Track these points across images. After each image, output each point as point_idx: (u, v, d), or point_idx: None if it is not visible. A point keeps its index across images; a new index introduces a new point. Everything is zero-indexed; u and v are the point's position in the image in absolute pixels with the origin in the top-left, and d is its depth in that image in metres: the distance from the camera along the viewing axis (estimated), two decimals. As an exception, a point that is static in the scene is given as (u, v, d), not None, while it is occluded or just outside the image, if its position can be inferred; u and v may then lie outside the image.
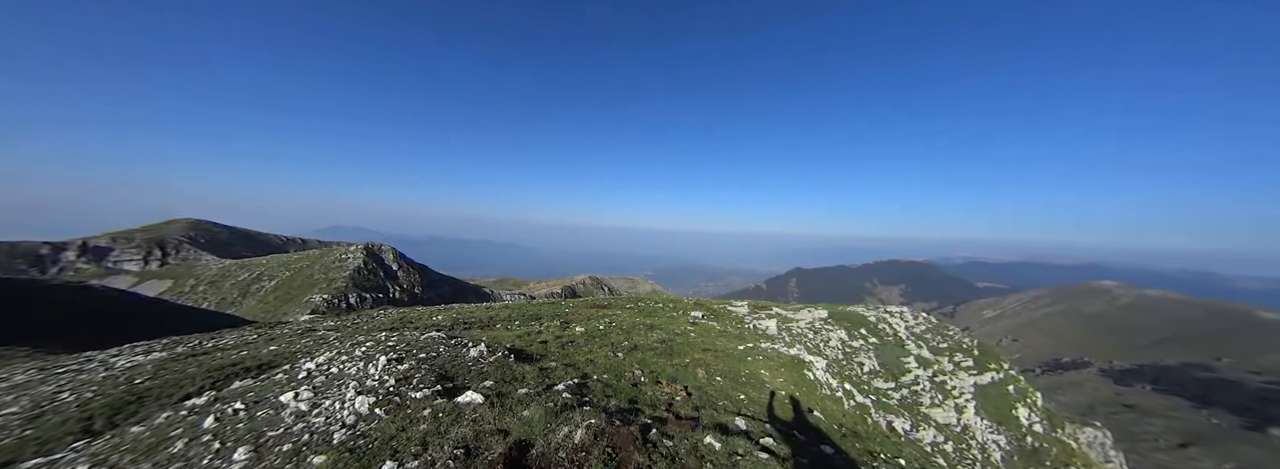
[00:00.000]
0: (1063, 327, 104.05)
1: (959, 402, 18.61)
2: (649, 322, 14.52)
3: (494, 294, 46.20)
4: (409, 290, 34.58)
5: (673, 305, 20.26)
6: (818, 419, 6.79)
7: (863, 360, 19.30)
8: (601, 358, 7.77)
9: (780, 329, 18.60)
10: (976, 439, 17.34)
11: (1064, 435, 21.28)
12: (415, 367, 5.98)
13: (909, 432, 13.25)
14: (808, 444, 4.85)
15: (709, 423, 4.78)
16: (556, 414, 4.15)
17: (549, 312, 15.65)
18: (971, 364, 21.82)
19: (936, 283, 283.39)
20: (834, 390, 10.63)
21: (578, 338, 9.87)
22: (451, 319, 13.29)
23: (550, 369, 6.28)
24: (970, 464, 15.60)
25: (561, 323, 12.57)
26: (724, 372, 8.58)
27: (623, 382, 6.14)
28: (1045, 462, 18.51)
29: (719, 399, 6.33)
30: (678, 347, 10.48)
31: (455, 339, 8.28)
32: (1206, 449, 53.91)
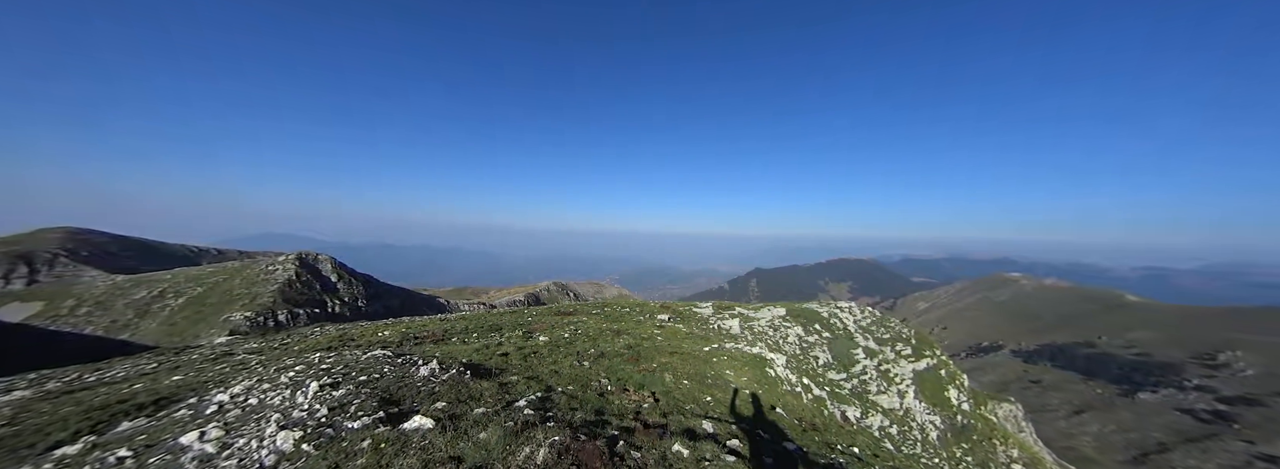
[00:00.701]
0: (980, 314, 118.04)
1: (901, 388, 20.30)
2: (616, 327, 14.34)
3: (450, 305, 43.44)
4: (351, 304, 31.50)
5: (639, 309, 20.22)
6: (779, 415, 7.02)
7: (818, 354, 20.47)
8: (567, 368, 7.50)
9: (743, 328, 19.23)
10: (916, 421, 18.99)
11: (986, 412, 23.96)
12: (354, 391, 5.36)
13: (860, 419, 14.19)
14: (772, 442, 4.97)
15: (677, 429, 4.74)
16: (517, 433, 3.88)
17: (511, 321, 14.93)
18: (910, 352, 23.95)
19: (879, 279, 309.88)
20: (793, 386, 11.12)
21: (541, 348, 9.47)
22: (400, 334, 12.22)
23: (511, 384, 5.93)
24: (913, 444, 17.03)
25: (524, 333, 12.03)
26: (691, 374, 8.64)
27: (589, 392, 5.94)
28: (972, 436, 20.70)
29: (686, 403, 6.33)
30: (645, 351, 10.41)
31: (403, 357, 7.59)
32: (1094, 415, 63.69)
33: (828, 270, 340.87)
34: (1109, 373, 71.89)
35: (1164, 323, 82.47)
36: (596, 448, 3.59)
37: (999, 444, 21.34)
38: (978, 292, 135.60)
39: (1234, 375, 62.33)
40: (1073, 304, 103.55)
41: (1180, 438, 54.76)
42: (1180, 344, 73.42)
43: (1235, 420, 54.71)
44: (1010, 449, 21.40)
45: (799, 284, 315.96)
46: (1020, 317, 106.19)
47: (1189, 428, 55.87)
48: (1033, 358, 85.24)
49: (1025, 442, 25.90)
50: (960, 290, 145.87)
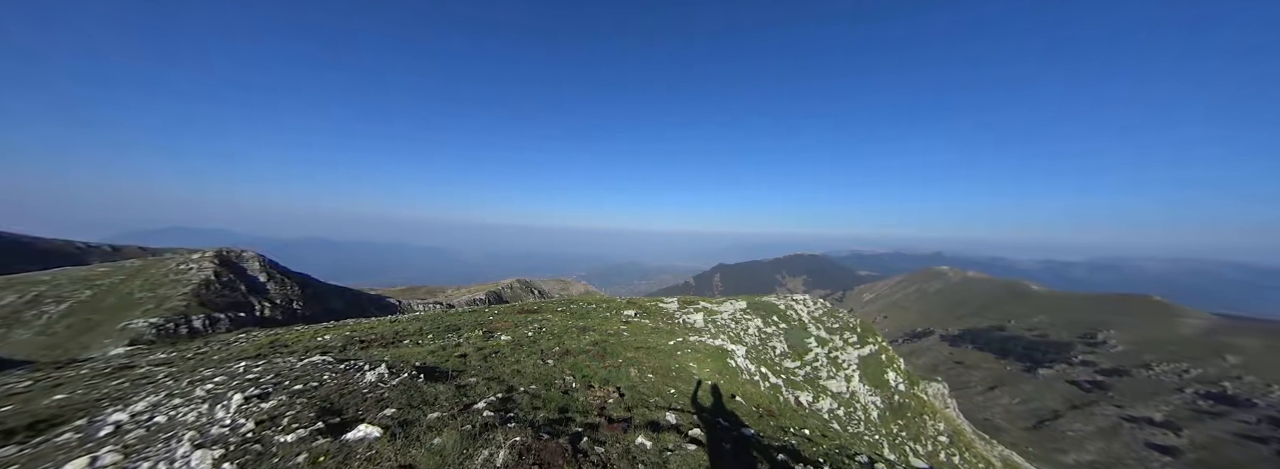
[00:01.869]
0: (915, 303, 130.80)
1: (847, 373, 22.03)
2: (582, 324, 14.21)
3: (403, 305, 40.69)
4: (285, 307, 28.52)
5: (606, 305, 20.17)
6: (738, 404, 7.34)
7: (775, 344, 21.64)
8: (530, 367, 7.31)
9: (706, 322, 19.84)
10: (860, 402, 20.73)
11: (918, 391, 26.65)
12: (287, 402, 4.87)
13: (812, 403, 15.22)
14: (730, 429, 5.19)
15: (641, 422, 4.80)
16: (475, 437, 3.73)
17: (470, 321, 14.28)
18: (856, 340, 26.02)
19: (830, 273, 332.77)
20: (752, 375, 11.67)
21: (503, 347, 9.16)
22: (343, 338, 11.26)
23: (470, 386, 5.68)
24: (857, 423, 18.59)
25: (484, 332, 11.56)
26: (655, 368, 8.77)
27: (553, 390, 5.84)
28: (907, 413, 22.98)
29: (651, 396, 6.42)
30: (611, 347, 10.42)
31: (347, 362, 7.01)
32: (1004, 389, 73.15)
33: (785, 265, 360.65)
34: (1016, 352, 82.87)
35: (1058, 308, 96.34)
36: (559, 446, 3.54)
37: (929, 419, 23.89)
38: (913, 284, 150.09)
39: (1108, 351, 74.36)
40: (989, 293, 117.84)
41: (1068, 405, 64.57)
42: (1070, 326, 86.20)
43: (1109, 389, 65.39)
44: (937, 423, 24.04)
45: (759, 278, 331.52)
46: (948, 305, 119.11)
47: (1075, 396, 65.99)
48: (957, 342, 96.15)
49: (950, 416, 29.21)
50: (899, 283, 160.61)
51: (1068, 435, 58.85)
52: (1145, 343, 72.88)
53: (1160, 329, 76.08)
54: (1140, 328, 77.79)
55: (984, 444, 29.32)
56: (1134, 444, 54.19)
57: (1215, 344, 67.56)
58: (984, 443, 29.88)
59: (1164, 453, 51.60)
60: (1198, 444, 51.33)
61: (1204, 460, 48.94)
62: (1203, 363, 63.46)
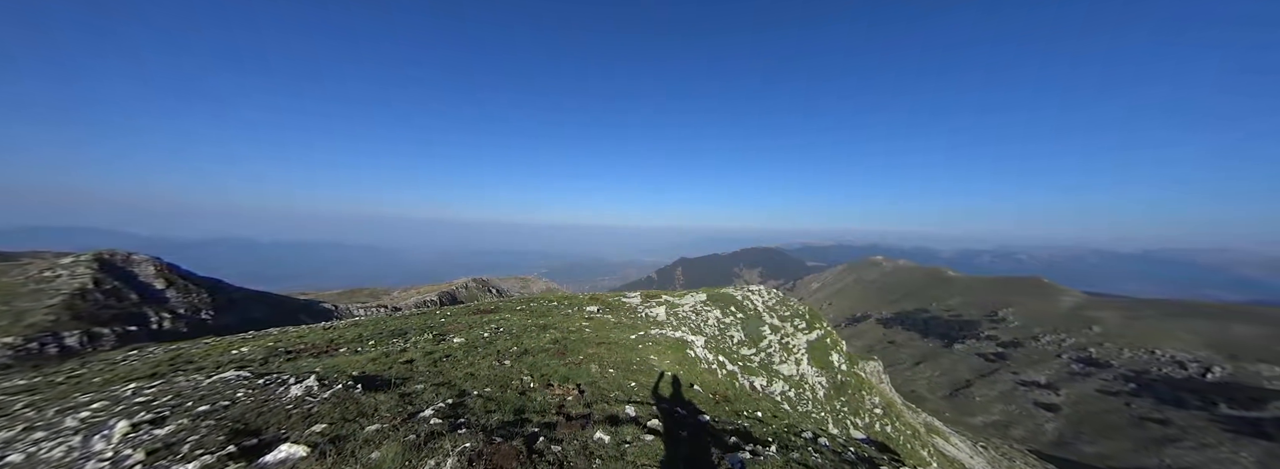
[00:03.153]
0: (855, 291, 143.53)
1: (797, 357, 23.68)
2: (542, 322, 13.86)
3: (340, 310, 37.07)
4: (190, 317, 24.80)
5: (568, 302, 19.83)
6: (696, 392, 7.60)
7: (733, 333, 22.64)
8: (484, 369, 6.99)
9: (669, 314, 20.24)
10: (808, 383, 22.42)
11: (857, 369, 29.37)
12: (189, 426, 4.23)
13: (765, 387, 16.19)
14: (687, 417, 5.35)
15: (601, 417, 4.79)
16: (420, 447, 3.49)
17: (418, 324, 13.36)
18: (805, 326, 28.00)
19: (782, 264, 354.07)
20: (710, 364, 12.13)
21: (455, 351, 8.67)
22: (265, 350, 10.02)
23: (415, 393, 5.31)
24: (805, 402, 20.08)
25: (435, 335, 10.87)
26: (617, 363, 8.80)
27: (509, 392, 5.64)
28: (848, 390, 25.26)
29: (611, 391, 6.43)
30: (572, 344, 10.28)
31: (268, 376, 6.24)
32: (927, 364, 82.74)
33: (742, 258, 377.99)
34: (937, 331, 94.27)
35: (969, 291, 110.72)
36: (512, 449, 3.42)
37: (866, 394, 26.45)
38: (853, 273, 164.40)
39: (1007, 327, 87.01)
40: (916, 280, 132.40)
41: (977, 375, 74.76)
42: (978, 306, 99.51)
43: (1007, 359, 76.59)
44: (873, 397, 26.69)
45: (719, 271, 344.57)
46: (882, 292, 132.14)
47: (982, 367, 76.56)
48: (890, 323, 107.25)
49: (883, 390, 32.56)
50: (841, 272, 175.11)
51: (976, 400, 68.31)
52: (1034, 318, 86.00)
53: (1044, 306, 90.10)
54: (1030, 305, 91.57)
55: (911, 413, 33.09)
56: (1026, 404, 64.18)
57: (1084, 317, 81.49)
58: (911, 412, 33.72)
59: (1047, 410, 61.71)
60: (1071, 400, 61.99)
61: (1076, 413, 59.25)
62: (1075, 333, 76.32)
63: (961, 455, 29.94)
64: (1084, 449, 52.66)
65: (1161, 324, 72.46)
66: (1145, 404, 56.59)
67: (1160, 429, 52.09)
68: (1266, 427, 47.52)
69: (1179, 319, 73.63)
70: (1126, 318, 77.25)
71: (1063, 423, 58.59)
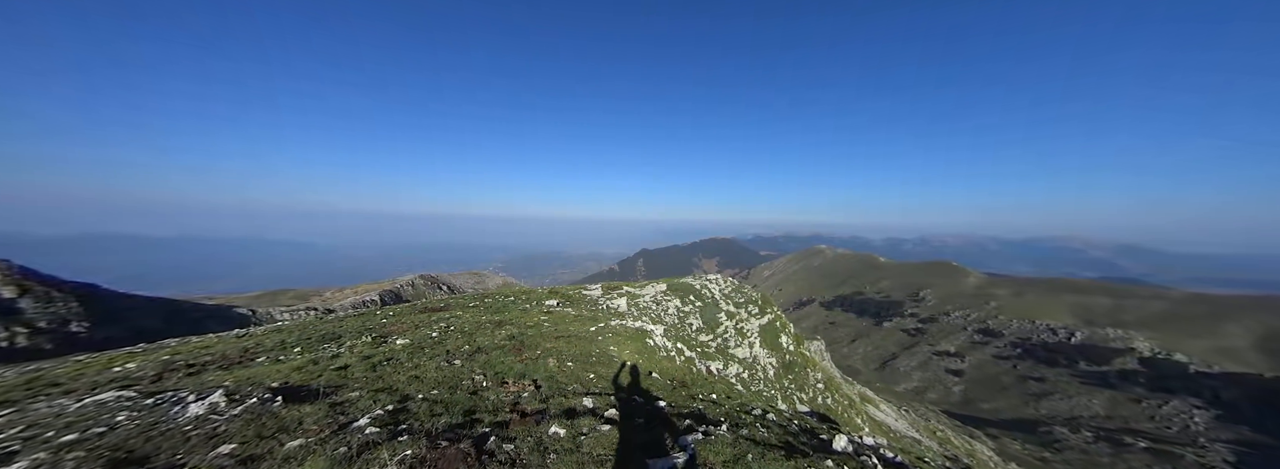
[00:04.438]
0: (801, 277, 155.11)
1: (750, 340, 25.15)
2: (497, 318, 13.31)
3: (259, 315, 32.79)
4: (55, 331, 20.55)
5: (526, 297, 19.21)
6: (654, 380, 7.77)
7: (692, 321, 23.43)
8: (431, 371, 6.56)
9: (630, 305, 20.40)
10: (760, 364, 23.96)
11: (803, 349, 31.90)
12: (49, 460, 3.51)
13: (721, 370, 17.03)
14: (644, 404, 5.45)
15: (557, 411, 4.72)
16: (352, 459, 3.20)
17: (355, 327, 12.21)
18: (758, 311, 29.74)
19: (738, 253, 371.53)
20: (669, 352, 12.48)
21: (398, 353, 8.04)
22: (158, 365, 8.58)
23: (349, 402, 4.84)
24: (758, 383, 21.47)
25: (375, 338, 10.00)
26: (576, 356, 8.71)
27: (459, 393, 5.34)
28: (795, 369, 27.41)
29: (569, 384, 6.36)
30: (530, 340, 9.99)
31: (161, 396, 5.35)
32: (861, 341, 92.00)
33: (701, 248, 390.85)
34: (870, 311, 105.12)
35: (896, 275, 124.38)
36: (459, 451, 3.25)
37: (811, 371, 28.90)
38: (800, 261, 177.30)
39: (925, 305, 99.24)
40: (853, 266, 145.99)
41: (902, 348, 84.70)
42: (903, 288, 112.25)
43: (925, 333, 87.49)
44: (816, 373, 29.24)
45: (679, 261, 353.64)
46: (824, 277, 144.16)
47: (905, 341, 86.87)
48: (831, 306, 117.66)
49: (825, 366, 35.77)
50: (789, 260, 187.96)
51: (900, 370, 77.65)
52: (946, 297, 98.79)
53: (955, 286, 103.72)
54: (943, 286, 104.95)
55: (847, 385, 36.79)
56: (938, 371, 74.11)
57: (984, 294, 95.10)
58: (847, 384, 37.49)
59: (955, 375, 71.81)
60: (973, 366, 72.63)
61: (976, 376, 69.57)
62: (977, 308, 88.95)
63: (888, 419, 33.96)
64: (982, 406, 62.40)
65: (1040, 299, 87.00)
66: (1027, 365, 68.08)
67: (1038, 385, 63.06)
68: (1111, 378, 59.47)
69: (1052, 294, 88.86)
70: (1014, 294, 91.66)
71: (966, 385, 68.75)
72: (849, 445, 5.39)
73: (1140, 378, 58.32)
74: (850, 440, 5.83)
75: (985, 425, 51.18)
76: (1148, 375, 58.13)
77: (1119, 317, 74.32)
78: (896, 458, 5.78)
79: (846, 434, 6.60)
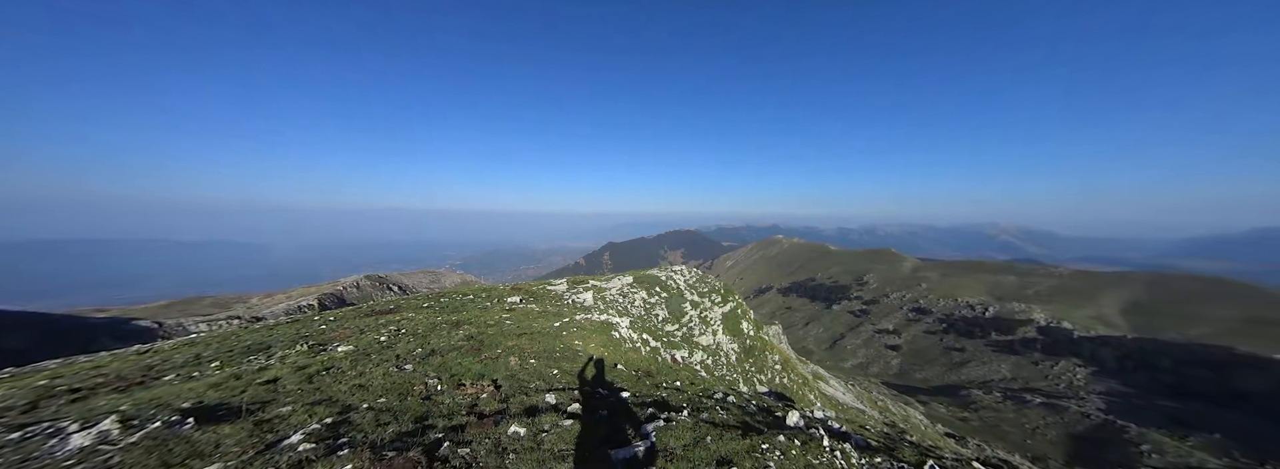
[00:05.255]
0: (761, 266, 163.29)
1: (714, 328, 26.14)
2: (454, 318, 12.66)
3: (167, 328, 28.66)
4: (-125, 358, 16.51)
5: (486, 295, 18.43)
6: (619, 371, 7.83)
7: (658, 312, 23.84)
8: (378, 379, 6.11)
9: (596, 299, 20.30)
10: (723, 350, 25.03)
11: (762, 334, 33.74)
12: None
13: (686, 358, 17.56)
14: (608, 396, 5.47)
15: (517, 410, 4.60)
16: (282, 480, 2.90)
17: (288, 335, 11.06)
18: (720, 300, 30.90)
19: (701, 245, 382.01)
20: (634, 343, 12.61)
21: (340, 361, 7.39)
22: (32, 392, 7.22)
23: (279, 418, 4.38)
24: (722, 368, 22.43)
25: (312, 346, 9.11)
26: (539, 352, 8.53)
27: (410, 399, 5.02)
28: (756, 353, 28.96)
29: (532, 381, 6.22)
30: (490, 338, 9.62)
31: (33, 427, 4.50)
32: (814, 324, 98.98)
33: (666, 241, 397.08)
34: (821, 296, 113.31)
35: (844, 261, 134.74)
36: (408, 460, 3.06)
37: (769, 354, 30.69)
38: (759, 251, 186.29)
39: (869, 288, 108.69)
40: (807, 255, 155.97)
41: (848, 328, 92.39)
42: (850, 273, 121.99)
43: (868, 313, 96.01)
44: (774, 355, 31.12)
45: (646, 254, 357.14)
46: (781, 266, 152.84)
47: (851, 322, 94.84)
48: (787, 292, 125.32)
49: (782, 349, 38.14)
50: (749, 250, 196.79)
51: (847, 349, 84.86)
52: (886, 280, 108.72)
53: (893, 270, 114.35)
54: (884, 271, 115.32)
55: (802, 365, 39.58)
56: (879, 347, 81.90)
57: (917, 277, 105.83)
58: (802, 364, 40.32)
59: (893, 350, 79.78)
60: (908, 340, 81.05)
61: (910, 349, 77.80)
62: (911, 289, 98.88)
63: (837, 394, 37.07)
64: (915, 376, 70.16)
65: (962, 279, 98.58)
66: (951, 338, 77.24)
67: (959, 355, 71.88)
68: (1015, 346, 69.21)
69: (972, 274, 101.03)
70: (942, 276, 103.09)
71: (902, 358, 76.79)
72: (800, 420, 5.79)
73: (1037, 344, 68.40)
74: (802, 415, 6.27)
75: (918, 393, 57.59)
76: (1043, 342, 68.33)
77: (1022, 292, 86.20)
78: (841, 428, 6.32)
79: (799, 410, 7.10)
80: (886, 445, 6.19)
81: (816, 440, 4.49)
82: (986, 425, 46.63)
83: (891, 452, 5.44)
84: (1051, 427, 44.81)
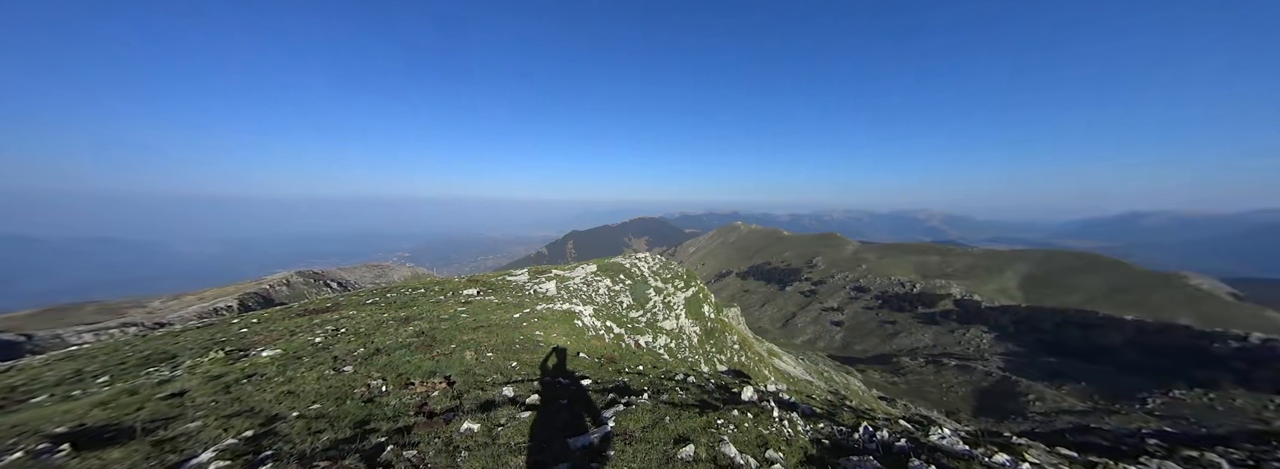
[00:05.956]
0: (721, 252, 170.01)
1: (677, 312, 26.93)
2: (403, 314, 11.86)
3: (38, 341, 24.09)
4: None
5: (439, 288, 17.41)
6: (582, 359, 7.81)
7: (623, 299, 24.04)
8: (311, 383, 5.56)
9: (559, 288, 19.98)
10: (686, 333, 25.95)
11: (722, 316, 35.39)
12: None
13: (650, 343, 17.98)
14: (569, 384, 5.44)
15: (472, 406, 4.42)
16: (188, 504, 2.54)
17: (199, 341, 9.74)
18: (683, 285, 31.79)
19: (665, 232, 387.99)
20: (598, 331, 12.64)
21: (265, 367, 6.64)
22: None
23: (185, 436, 3.85)
24: (684, 350, 23.29)
25: (229, 352, 8.09)
26: (497, 345, 8.25)
27: (349, 404, 4.63)
28: (716, 334, 30.38)
29: (489, 375, 6.01)
30: (443, 333, 9.13)
31: None
32: (769, 305, 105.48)
33: (630, 228, 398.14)
34: (776, 278, 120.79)
35: (796, 246, 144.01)
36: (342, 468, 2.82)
37: (729, 334, 32.36)
38: (720, 237, 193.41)
39: (817, 270, 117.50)
40: (763, 240, 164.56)
41: (799, 308, 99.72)
42: (801, 257, 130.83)
43: (817, 293, 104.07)
44: (733, 336, 32.87)
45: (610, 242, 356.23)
46: (740, 251, 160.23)
47: (802, 301, 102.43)
48: (745, 276, 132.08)
49: (740, 329, 40.38)
50: (711, 237, 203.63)
51: (797, 326, 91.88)
52: (832, 262, 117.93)
53: (838, 253, 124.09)
54: (830, 254, 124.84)
55: (758, 344, 42.28)
56: (826, 324, 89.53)
57: (858, 259, 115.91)
58: (758, 343, 43.08)
59: (837, 325, 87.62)
60: (849, 316, 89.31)
61: (852, 325, 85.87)
62: (853, 270, 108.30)
63: (789, 368, 40.20)
64: (856, 347, 77.93)
65: (895, 260, 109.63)
66: (885, 313, 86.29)
67: (892, 327, 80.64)
68: (936, 317, 78.95)
69: (903, 255, 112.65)
70: (879, 257, 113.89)
71: (845, 333, 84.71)
72: (754, 395, 6.17)
73: (953, 315, 78.49)
74: (755, 390, 6.68)
75: (857, 363, 64.11)
76: (958, 313, 78.53)
77: (943, 270, 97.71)
78: (791, 399, 6.84)
79: (753, 385, 7.56)
80: (829, 411, 6.80)
81: (768, 412, 4.80)
82: (912, 387, 53.26)
83: (832, 417, 5.99)
84: (962, 385, 52.21)
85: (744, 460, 3.27)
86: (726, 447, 3.43)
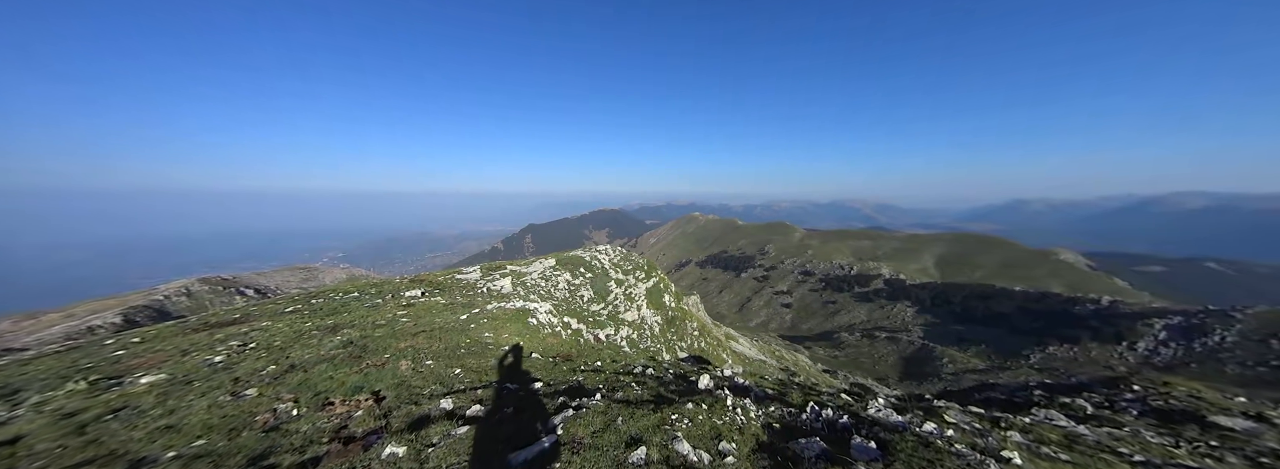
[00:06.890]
0: (681, 242, 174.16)
1: (638, 303, 27.08)
2: (330, 322, 10.58)
3: None
4: None
5: (377, 290, 15.79)
6: (535, 360, 7.46)
7: (583, 293, 23.60)
8: (199, 413, 4.69)
9: (515, 285, 19.06)
10: (647, 323, 26.24)
11: (682, 305, 36.32)
12: None
13: (611, 336, 17.90)
14: (517, 390, 5.12)
15: (401, 425, 3.96)
16: None
17: (55, 369, 7.93)
18: (644, 276, 32.00)
19: (625, 224, 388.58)
20: (555, 327, 12.25)
21: (141, 397, 5.51)
22: None
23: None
24: (646, 340, 23.55)
25: (94, 382, 6.64)
26: (439, 352, 7.62)
27: (245, 435, 3.94)
28: (677, 323, 31.13)
29: (426, 387, 5.49)
30: (376, 342, 8.25)
31: None
32: (726, 292, 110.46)
33: (590, 220, 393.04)
34: (732, 266, 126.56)
35: (751, 235, 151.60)
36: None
37: (689, 322, 33.33)
38: (679, 227, 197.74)
39: (769, 257, 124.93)
40: (720, 230, 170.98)
41: (753, 293, 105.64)
42: (755, 245, 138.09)
43: (769, 278, 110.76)
44: (693, 323, 33.93)
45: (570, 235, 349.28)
46: (698, 241, 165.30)
47: (755, 287, 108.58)
48: (704, 265, 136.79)
49: (700, 316, 41.82)
50: (670, 227, 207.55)
51: (752, 310, 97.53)
52: (783, 249, 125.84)
53: (787, 241, 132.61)
54: (780, 241, 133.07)
55: (717, 329, 44.16)
56: (777, 307, 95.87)
57: (804, 245, 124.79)
58: (717, 328, 44.99)
59: (786, 307, 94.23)
60: (797, 298, 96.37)
61: (799, 306, 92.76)
62: (800, 256, 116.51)
63: (745, 350, 42.55)
64: (803, 327, 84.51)
65: (836, 245, 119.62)
66: (827, 293, 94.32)
67: (832, 306, 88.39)
68: (869, 295, 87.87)
69: (841, 241, 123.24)
70: (822, 243, 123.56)
71: (793, 314, 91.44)
72: (710, 382, 6.27)
73: (884, 293, 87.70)
74: (711, 377, 6.81)
75: (805, 341, 69.57)
76: (887, 291, 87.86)
77: (875, 253, 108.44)
78: (745, 383, 7.07)
79: (711, 372, 7.72)
80: (779, 392, 7.14)
81: (722, 400, 4.87)
82: (850, 359, 59.01)
83: (783, 398, 6.28)
84: (891, 354, 58.85)
85: (697, 456, 3.24)
86: (679, 444, 3.39)
